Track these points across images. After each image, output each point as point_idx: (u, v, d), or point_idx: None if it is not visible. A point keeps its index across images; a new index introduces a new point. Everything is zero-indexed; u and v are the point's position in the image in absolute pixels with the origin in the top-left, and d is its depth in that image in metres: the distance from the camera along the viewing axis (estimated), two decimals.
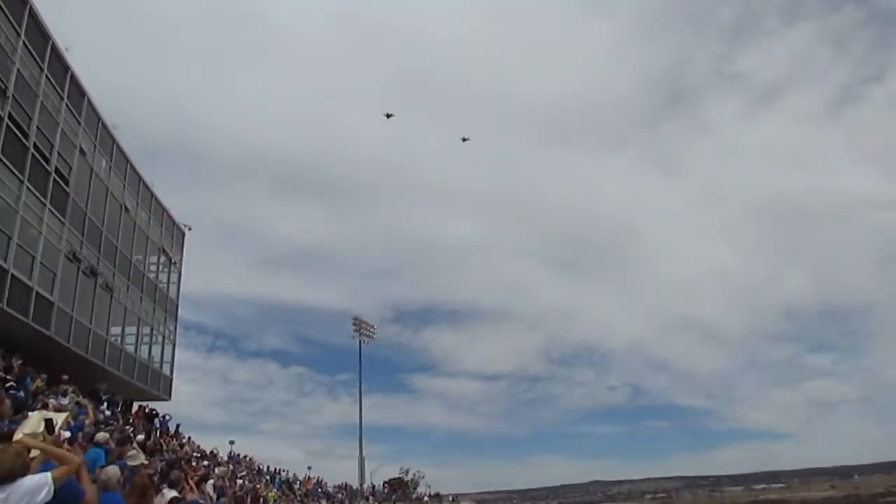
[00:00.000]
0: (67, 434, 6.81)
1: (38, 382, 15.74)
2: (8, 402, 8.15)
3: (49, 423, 6.09)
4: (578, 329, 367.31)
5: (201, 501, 9.46)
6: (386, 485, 67.45)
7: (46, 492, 4.60)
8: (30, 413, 6.84)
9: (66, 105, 26.21)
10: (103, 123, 29.81)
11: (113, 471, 7.55)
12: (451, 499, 69.16)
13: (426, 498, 66.09)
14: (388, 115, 61.56)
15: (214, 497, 14.60)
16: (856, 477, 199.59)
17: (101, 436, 11.77)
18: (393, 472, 78.82)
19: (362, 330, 69.33)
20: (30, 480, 4.61)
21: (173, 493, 9.42)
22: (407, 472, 79.82)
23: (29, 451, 4.78)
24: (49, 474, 4.72)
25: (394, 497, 59.78)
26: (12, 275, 22.02)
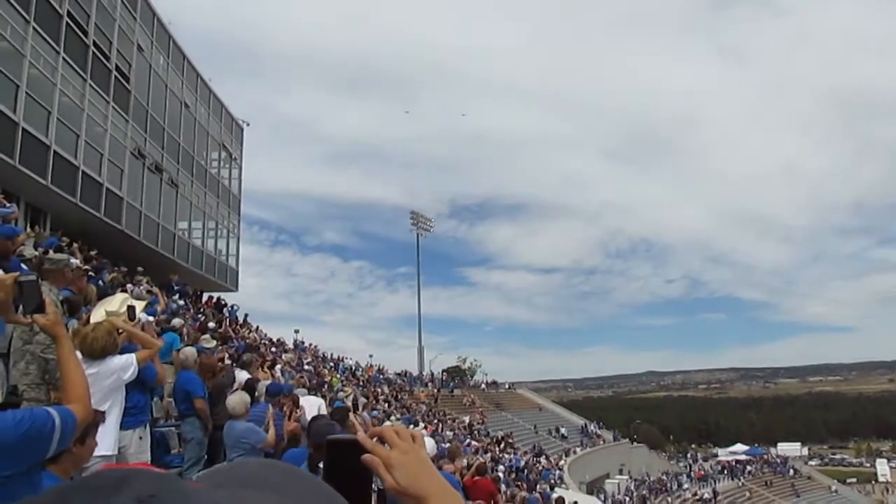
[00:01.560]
0: (149, 318, 7.28)
1: (115, 273, 16.58)
2: (93, 287, 8.73)
3: (131, 309, 6.53)
4: (637, 222, 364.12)
5: (272, 382, 10.05)
6: (444, 373, 69.71)
7: (132, 372, 5.00)
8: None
9: (122, 1, 26.22)
10: (159, 19, 29.81)
11: (190, 352, 8.08)
12: (507, 386, 71.29)
13: (483, 385, 68.23)
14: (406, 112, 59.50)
15: (283, 380, 15.45)
16: None
17: (178, 321, 12.52)
18: (451, 361, 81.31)
19: (420, 224, 70.02)
20: (118, 360, 4.99)
21: (246, 375, 10.01)
22: (464, 360, 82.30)
23: (118, 331, 5.14)
24: (134, 356, 5.10)
25: (452, 384, 61.93)
26: (83, 171, 22.88)
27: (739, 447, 79.61)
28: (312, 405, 9.56)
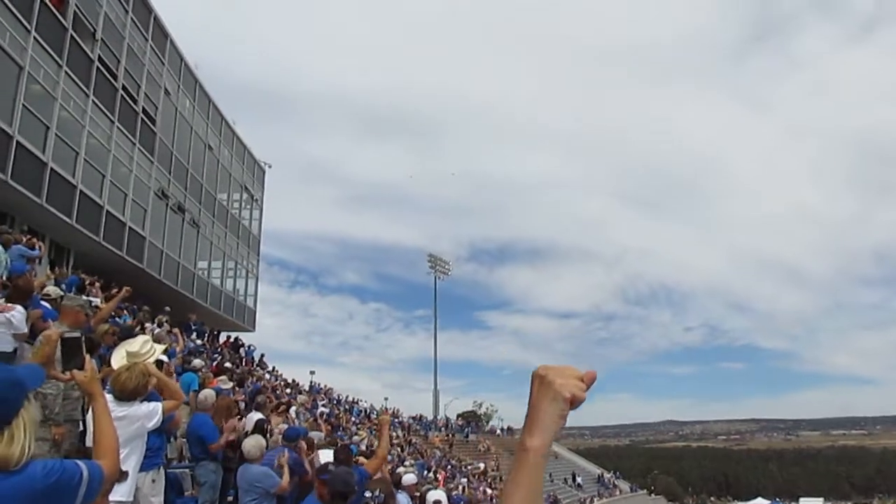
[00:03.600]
0: (166, 358, 7.34)
1: (140, 313, 16.79)
2: (111, 326, 8.88)
3: (160, 364, 6.57)
4: (656, 267, 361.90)
5: (284, 425, 10.05)
6: (459, 417, 69.05)
7: (156, 420, 5.01)
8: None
9: (151, 46, 27.00)
10: (186, 64, 30.61)
11: (209, 394, 8.12)
12: None
13: (498, 431, 67.42)
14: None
15: (297, 422, 15.39)
16: None
17: (198, 362, 12.59)
18: (466, 406, 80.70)
19: (437, 267, 70.13)
20: (145, 407, 5.01)
21: (259, 416, 10.00)
22: (480, 405, 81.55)
23: (149, 375, 5.19)
24: (160, 405, 5.12)
25: (467, 429, 61.25)
26: (107, 211, 23.29)
27: (761, 501, 77.56)
28: (327, 456, 9.52)
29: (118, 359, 5.77)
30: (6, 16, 18.33)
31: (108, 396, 5.00)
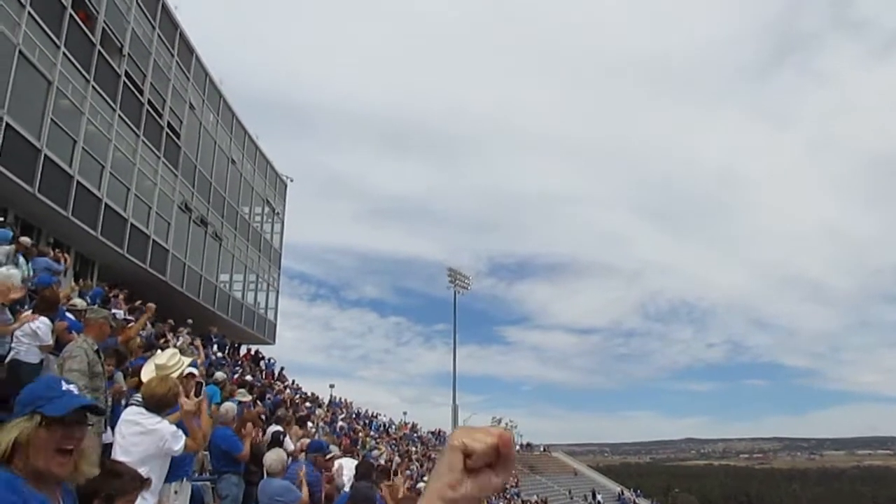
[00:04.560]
0: (196, 371, 7.35)
1: (157, 327, 16.92)
2: (136, 339, 8.96)
3: (199, 385, 6.54)
4: (678, 283, 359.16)
5: (307, 439, 10.04)
6: None
7: (179, 447, 4.92)
8: (160, 350, 7.44)
9: (177, 62, 27.38)
10: (210, 79, 30.98)
11: (231, 407, 8.13)
12: (542, 449, 69.84)
13: (517, 448, 66.94)
14: None
15: (317, 436, 15.39)
16: None
17: (220, 375, 12.64)
18: (485, 421, 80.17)
19: (457, 281, 70.01)
20: (173, 430, 4.92)
21: (278, 429, 10.00)
22: (499, 421, 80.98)
23: (177, 386, 5.16)
24: (185, 439, 4.99)
25: None
26: (132, 223, 23.56)
27: None
28: (349, 466, 9.49)
29: (147, 372, 5.81)
30: (36, 31, 18.68)
31: (136, 408, 5.02)
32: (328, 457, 8.37)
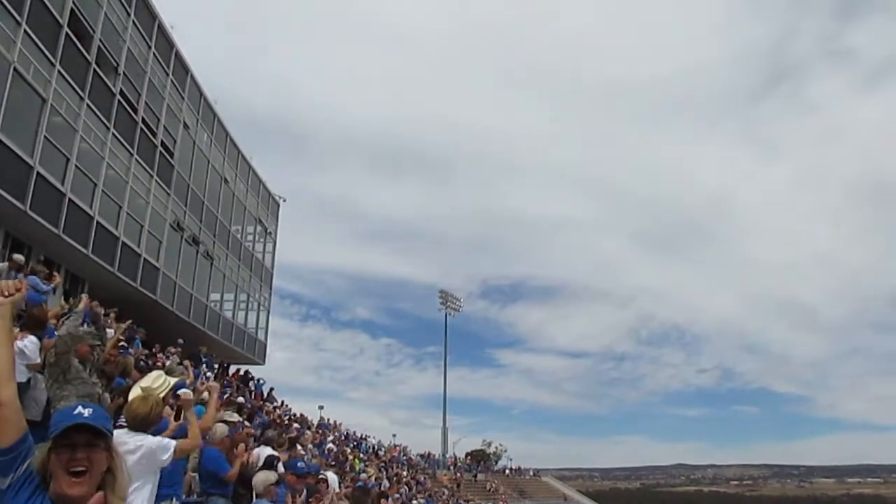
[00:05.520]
0: (190, 392, 7.29)
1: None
2: (130, 359, 8.89)
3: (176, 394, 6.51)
4: (670, 309, 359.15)
5: (300, 460, 9.93)
6: (468, 456, 68.27)
7: (168, 456, 4.89)
8: (151, 373, 7.38)
9: (172, 81, 27.47)
10: (205, 98, 31.08)
11: (220, 428, 8.04)
12: (532, 473, 69.38)
13: (507, 471, 66.52)
14: None
15: (307, 458, 15.25)
16: None
17: (206, 395, 12.51)
18: (475, 444, 79.84)
19: (449, 303, 69.89)
20: (158, 440, 4.92)
21: (269, 451, 9.90)
22: (489, 444, 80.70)
23: (161, 404, 5.15)
24: (175, 444, 4.97)
25: (475, 469, 60.46)
26: (123, 242, 23.47)
27: None
28: (331, 482, 9.42)
29: (134, 394, 5.77)
30: (31, 49, 18.71)
31: (121, 429, 4.95)
32: (304, 477, 8.28)
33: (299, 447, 17.53)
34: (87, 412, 2.39)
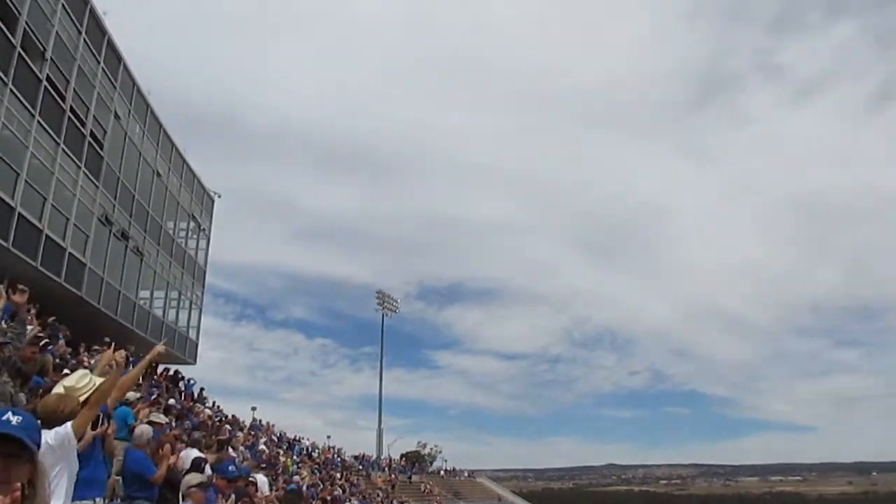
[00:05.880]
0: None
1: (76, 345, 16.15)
2: (49, 358, 8.45)
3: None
4: (603, 313, 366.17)
5: (231, 462, 9.64)
6: (403, 458, 68.15)
7: (65, 435, 4.65)
8: (71, 371, 7.03)
9: (103, 69, 26.45)
10: (138, 89, 30.07)
11: (146, 429, 7.75)
12: (466, 474, 69.67)
13: (442, 473, 66.64)
14: None
15: (238, 460, 14.88)
16: (874, 474, 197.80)
17: (131, 394, 12.03)
18: (410, 446, 79.73)
19: (386, 304, 69.65)
20: (58, 427, 4.68)
21: (196, 453, 9.61)
22: (424, 446, 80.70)
23: (77, 402, 4.90)
24: (69, 423, 4.76)
25: (410, 470, 60.34)
26: (46, 235, 22.45)
27: None
28: (260, 484, 9.19)
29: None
30: None
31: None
32: (234, 480, 8.07)
33: (230, 449, 17.11)
34: (15, 420, 2.18)
